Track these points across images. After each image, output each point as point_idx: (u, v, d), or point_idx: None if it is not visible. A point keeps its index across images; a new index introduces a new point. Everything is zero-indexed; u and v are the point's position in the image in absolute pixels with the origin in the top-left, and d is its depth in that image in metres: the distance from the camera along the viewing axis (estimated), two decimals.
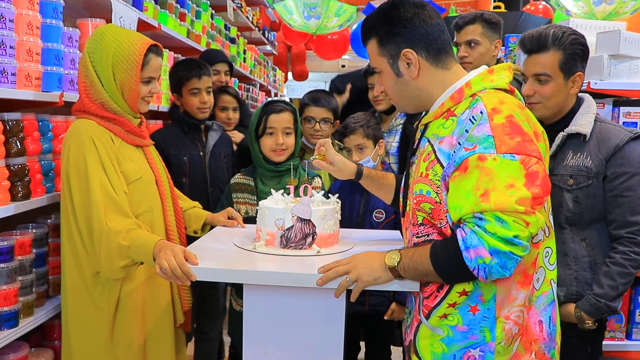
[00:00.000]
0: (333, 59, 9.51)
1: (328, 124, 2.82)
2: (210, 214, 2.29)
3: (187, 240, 2.19)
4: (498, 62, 2.99)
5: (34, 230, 2.14)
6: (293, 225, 1.80)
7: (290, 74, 10.55)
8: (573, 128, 2.00)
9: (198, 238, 2.04)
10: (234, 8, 5.59)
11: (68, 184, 1.89)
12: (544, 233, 1.53)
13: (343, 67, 11.73)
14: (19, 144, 1.99)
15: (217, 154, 2.90)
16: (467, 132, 1.42)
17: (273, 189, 1.99)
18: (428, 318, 1.53)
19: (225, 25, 5.27)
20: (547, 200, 1.51)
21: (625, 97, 2.54)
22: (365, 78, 2.98)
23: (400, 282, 1.54)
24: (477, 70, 1.56)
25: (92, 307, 1.92)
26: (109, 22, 2.47)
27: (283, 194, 1.95)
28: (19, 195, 1.99)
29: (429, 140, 1.54)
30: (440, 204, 1.47)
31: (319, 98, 2.82)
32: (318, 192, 1.98)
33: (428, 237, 1.53)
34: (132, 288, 1.97)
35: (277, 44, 9.25)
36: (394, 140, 2.85)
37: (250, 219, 2.22)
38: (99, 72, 1.94)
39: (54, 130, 2.22)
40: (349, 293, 1.58)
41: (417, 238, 1.56)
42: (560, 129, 2.02)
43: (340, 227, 1.97)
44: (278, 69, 9.41)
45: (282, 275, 1.62)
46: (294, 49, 9.96)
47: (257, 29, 7.03)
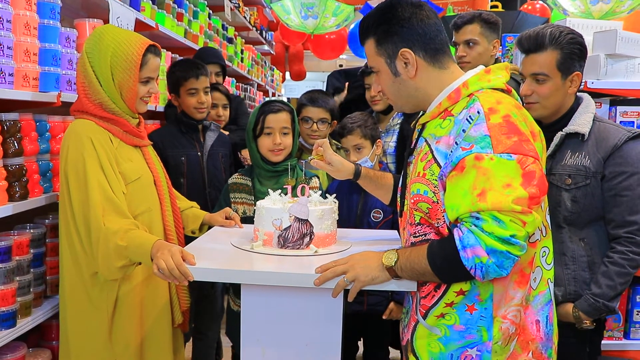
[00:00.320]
0: (330, 59, 9.50)
1: (325, 124, 2.82)
2: (208, 214, 2.29)
3: (185, 241, 2.19)
4: (496, 61, 3.00)
5: (32, 231, 2.14)
6: (290, 225, 1.81)
7: (288, 74, 10.55)
8: (571, 127, 2.00)
9: (196, 238, 2.04)
10: (232, 8, 5.59)
11: (66, 184, 1.89)
12: (541, 233, 1.54)
13: (340, 66, 11.73)
14: (17, 144, 1.98)
15: (214, 154, 2.90)
16: (464, 131, 1.42)
17: (270, 189, 2.00)
18: (425, 317, 1.53)
19: (223, 25, 5.27)
20: (544, 200, 1.52)
21: (622, 96, 2.54)
22: (363, 78, 2.99)
23: (398, 281, 1.54)
24: (474, 70, 1.56)
25: (90, 307, 1.93)
26: (107, 22, 2.47)
27: (280, 194, 1.95)
28: (17, 196, 1.99)
29: (427, 140, 1.54)
30: (438, 204, 1.48)
31: (317, 98, 2.82)
32: (315, 192, 1.99)
33: (425, 236, 1.53)
34: (130, 288, 1.97)
35: (274, 44, 9.26)
36: (392, 140, 2.86)
37: (248, 219, 2.22)
38: (98, 72, 1.94)
39: (52, 131, 2.22)
40: (347, 293, 1.58)
41: (414, 238, 1.56)
42: (559, 129, 2.02)
43: (338, 226, 1.97)
44: (276, 69, 9.41)
45: (279, 275, 1.62)
46: (292, 49, 9.96)
47: (254, 29, 7.03)
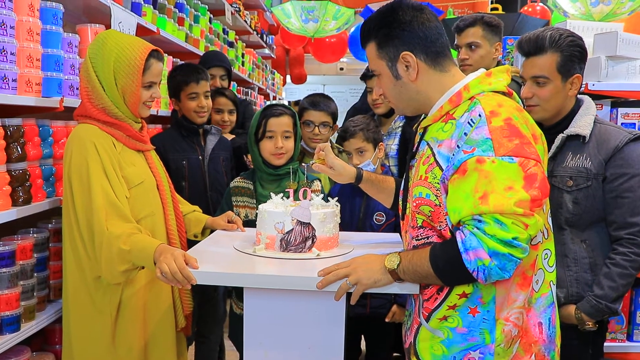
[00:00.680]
0: (331, 62, 9.53)
1: (327, 128, 2.83)
2: (210, 218, 2.29)
3: (187, 245, 2.19)
4: (498, 64, 3.00)
5: (35, 235, 2.14)
6: (293, 229, 1.81)
7: (289, 77, 10.56)
8: (572, 129, 2.00)
9: (198, 242, 2.04)
10: (232, 12, 5.60)
11: (70, 189, 1.90)
12: (543, 235, 1.54)
13: (341, 70, 11.73)
14: (20, 150, 1.99)
15: (215, 158, 2.90)
16: (465, 135, 1.42)
17: (272, 193, 2.00)
18: (428, 320, 1.54)
19: (224, 29, 5.28)
20: (545, 202, 1.52)
21: (623, 98, 2.55)
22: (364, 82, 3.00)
23: (400, 284, 1.55)
24: (475, 73, 1.56)
25: (93, 311, 1.93)
26: (108, 27, 2.48)
27: (282, 198, 1.95)
28: (20, 200, 1.99)
29: (428, 144, 1.54)
30: (440, 207, 1.48)
31: (318, 102, 2.83)
32: (317, 195, 1.99)
33: (427, 239, 1.54)
34: (133, 292, 1.97)
35: (275, 48, 9.26)
36: (394, 143, 2.86)
37: (250, 223, 2.23)
38: (101, 77, 1.95)
39: (55, 136, 2.23)
40: (349, 296, 1.59)
41: (416, 241, 1.57)
42: (560, 131, 2.02)
43: (341, 230, 1.97)
44: (276, 72, 9.41)
45: (282, 279, 1.63)
46: (292, 52, 9.98)
47: (255, 33, 7.04)
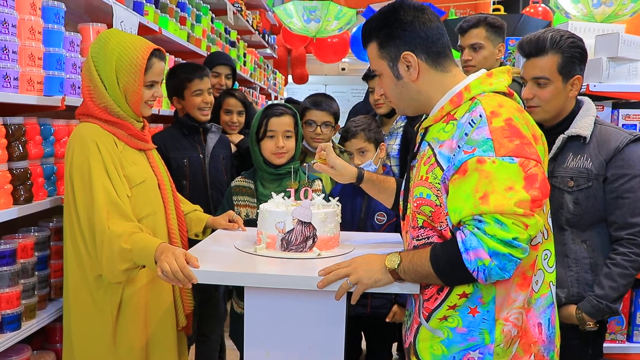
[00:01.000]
0: (333, 62, 9.52)
1: (329, 128, 2.83)
2: (211, 217, 2.29)
3: (188, 244, 2.20)
4: (501, 65, 3.00)
5: (36, 234, 2.15)
6: (294, 228, 1.81)
7: (291, 77, 10.56)
8: (573, 130, 2.00)
9: (199, 241, 2.05)
10: (234, 12, 5.60)
11: (71, 187, 1.90)
12: (543, 235, 1.54)
13: (343, 70, 11.72)
14: (21, 148, 2.00)
15: (216, 156, 2.90)
16: (466, 135, 1.43)
17: (273, 192, 2.00)
18: (428, 320, 1.54)
19: (226, 29, 5.29)
20: (546, 203, 1.52)
21: (625, 99, 2.55)
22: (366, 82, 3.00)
23: (401, 284, 1.55)
24: (476, 74, 1.57)
25: (94, 309, 1.93)
26: (110, 26, 2.48)
27: (283, 197, 1.95)
28: (22, 199, 2.00)
29: (430, 144, 1.55)
30: (440, 207, 1.48)
31: (320, 102, 2.83)
32: (318, 195, 1.99)
33: (428, 239, 1.54)
34: (134, 291, 1.97)
35: (277, 47, 9.27)
36: (395, 143, 2.86)
37: (251, 222, 2.23)
38: (103, 76, 1.96)
39: (56, 134, 2.23)
40: (350, 295, 1.59)
41: (417, 241, 1.57)
42: (560, 132, 2.03)
43: (342, 230, 1.98)
44: (278, 72, 9.42)
45: (283, 278, 1.63)
46: (294, 52, 9.98)
47: (257, 33, 7.05)
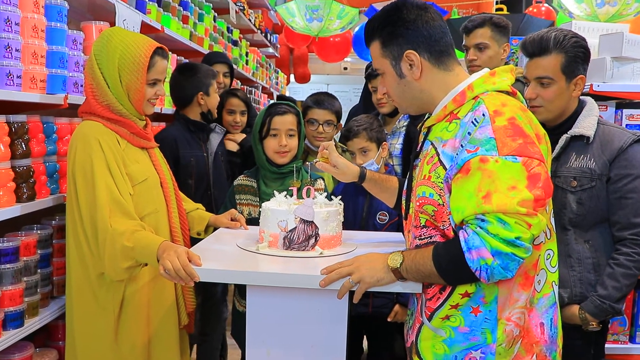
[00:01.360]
0: (335, 62, 9.52)
1: (331, 126, 2.83)
2: (213, 216, 2.29)
3: (190, 242, 2.20)
4: (506, 65, 3.00)
5: (39, 232, 2.15)
6: (296, 227, 1.81)
7: (293, 77, 10.56)
8: (576, 130, 2.00)
9: (201, 240, 2.05)
10: (237, 11, 5.61)
11: (74, 185, 1.90)
12: (546, 235, 1.54)
13: (345, 69, 11.72)
14: (24, 146, 2.00)
15: (217, 156, 2.93)
16: (469, 134, 1.42)
17: (276, 191, 2.00)
18: (430, 319, 1.54)
19: (228, 28, 5.29)
20: (549, 203, 1.52)
21: (628, 99, 2.54)
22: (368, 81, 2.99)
23: (403, 283, 1.55)
24: (479, 73, 1.56)
25: (96, 307, 1.93)
26: (113, 25, 2.48)
27: (286, 196, 1.95)
28: (24, 197, 2.00)
29: (432, 143, 1.54)
30: (443, 206, 1.48)
31: (322, 100, 2.83)
32: (321, 193, 1.99)
33: (431, 239, 1.53)
34: (136, 289, 1.97)
35: (279, 47, 9.27)
36: (398, 142, 2.86)
37: (253, 221, 2.23)
38: (105, 74, 1.96)
39: (59, 132, 2.24)
40: (352, 294, 1.59)
41: (419, 240, 1.56)
42: (563, 132, 2.02)
43: (344, 229, 1.97)
44: (280, 72, 9.42)
45: (285, 277, 1.63)
46: (296, 52, 9.98)
47: (259, 32, 7.04)
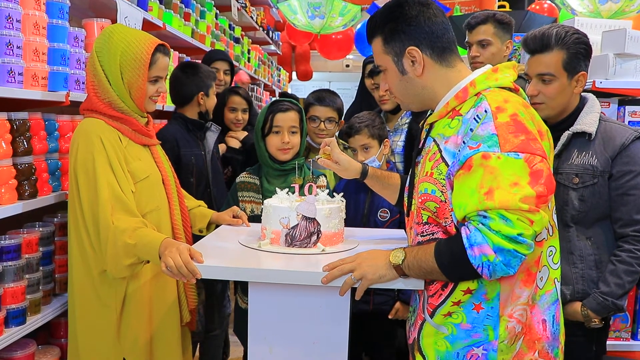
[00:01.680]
0: (337, 59, 9.52)
1: (333, 123, 2.83)
2: (215, 213, 2.30)
3: (192, 240, 2.20)
4: (508, 62, 2.99)
5: (41, 229, 2.16)
6: (298, 224, 1.81)
7: (295, 74, 10.56)
8: (578, 127, 2.00)
9: (203, 237, 2.05)
10: (238, 8, 5.60)
11: (76, 183, 1.90)
12: (548, 232, 1.53)
13: (347, 66, 11.72)
14: (26, 143, 2.00)
15: (214, 154, 2.93)
16: (471, 130, 1.42)
17: (278, 188, 2.00)
18: (432, 316, 1.54)
19: (230, 25, 5.29)
20: (551, 199, 1.52)
21: (631, 96, 2.53)
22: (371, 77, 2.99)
23: (405, 280, 1.55)
24: (481, 69, 1.56)
25: (98, 304, 1.94)
26: (114, 22, 2.48)
27: (288, 193, 1.95)
28: (26, 194, 2.00)
29: (435, 140, 1.54)
30: (445, 203, 1.48)
31: (324, 97, 2.83)
32: (323, 190, 1.99)
33: (433, 236, 1.53)
34: (138, 286, 1.98)
35: (281, 44, 9.27)
36: (400, 140, 2.85)
37: (256, 218, 2.23)
38: (107, 71, 1.96)
39: (60, 130, 2.24)
40: (354, 291, 1.59)
41: (421, 237, 1.56)
42: (565, 129, 2.02)
43: (345, 226, 1.97)
44: (282, 69, 9.42)
45: (287, 273, 1.63)
46: (298, 49, 9.98)
47: (261, 29, 7.04)
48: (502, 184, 1.35)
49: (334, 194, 2.00)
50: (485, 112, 1.42)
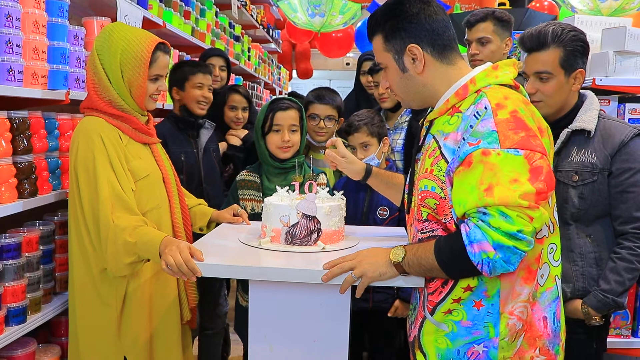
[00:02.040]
0: (337, 57, 9.50)
1: (332, 122, 2.83)
2: (216, 211, 2.30)
3: (193, 238, 2.20)
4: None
5: (41, 228, 2.16)
6: (298, 222, 1.81)
7: (295, 72, 10.55)
8: (577, 124, 2.00)
9: (204, 235, 2.05)
10: (239, 6, 5.60)
11: (76, 181, 1.90)
12: (549, 229, 1.53)
13: (347, 64, 11.71)
14: (26, 142, 2.00)
15: (208, 151, 2.92)
16: (471, 127, 1.42)
17: (278, 186, 2.00)
18: (433, 314, 1.54)
19: (230, 24, 5.28)
20: (551, 196, 1.52)
21: (631, 93, 2.53)
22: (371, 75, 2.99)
23: (405, 278, 1.55)
24: (481, 67, 1.56)
25: (99, 303, 1.94)
26: (114, 20, 2.48)
27: (288, 191, 1.95)
28: (26, 193, 2.00)
29: (434, 137, 1.54)
30: (445, 200, 1.48)
31: (323, 95, 2.83)
32: (323, 188, 1.99)
33: (432, 233, 1.53)
34: (138, 284, 1.98)
35: (281, 42, 9.26)
36: (400, 138, 2.85)
37: (256, 216, 2.23)
38: (107, 69, 1.96)
39: (60, 128, 2.24)
40: (354, 289, 1.59)
41: (421, 234, 1.56)
42: (564, 126, 2.02)
43: (345, 224, 1.97)
44: (282, 67, 9.41)
45: (287, 272, 1.63)
46: (299, 47, 9.97)
47: (261, 27, 7.04)
48: (501, 181, 1.35)
49: (334, 192, 2.00)
50: (485, 108, 1.42)
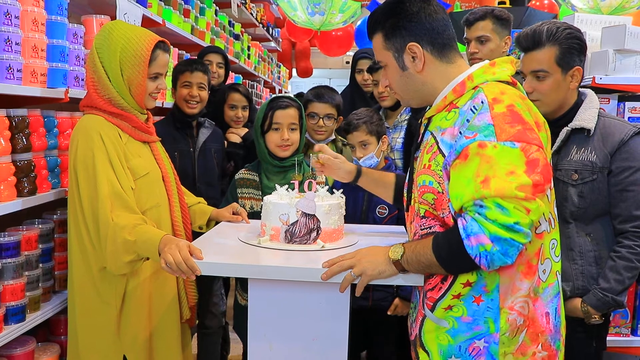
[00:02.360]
0: (337, 56, 9.51)
1: (331, 120, 2.82)
2: (215, 210, 2.29)
3: (192, 236, 2.20)
4: None
5: (40, 226, 2.16)
6: (297, 220, 1.81)
7: (295, 71, 10.55)
8: (577, 123, 2.00)
9: (203, 234, 2.05)
10: (238, 4, 5.60)
11: (75, 179, 1.90)
12: (550, 224, 1.53)
13: (347, 63, 11.70)
14: (25, 140, 2.00)
15: (207, 150, 2.91)
16: (468, 121, 1.42)
17: (278, 184, 2.00)
18: (433, 310, 1.54)
19: (229, 22, 5.28)
20: (551, 191, 1.52)
21: (631, 92, 2.53)
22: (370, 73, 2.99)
23: (405, 275, 1.55)
24: (479, 64, 1.56)
25: (98, 301, 1.94)
26: (114, 18, 2.48)
27: (287, 189, 1.95)
28: (25, 191, 2.00)
29: (432, 133, 1.55)
30: (443, 194, 1.48)
31: (323, 94, 2.82)
32: (322, 187, 1.99)
33: (431, 229, 1.54)
34: (138, 283, 1.98)
35: (281, 41, 9.26)
36: (399, 136, 2.85)
37: (256, 214, 2.23)
38: (107, 67, 1.95)
39: (59, 127, 2.24)
40: (354, 288, 1.59)
41: (421, 230, 1.57)
42: (564, 125, 2.02)
43: (344, 222, 1.97)
44: (282, 66, 9.41)
45: (286, 270, 1.63)
46: (298, 46, 9.97)
47: (261, 26, 7.04)
48: (498, 173, 1.35)
49: (334, 190, 2.00)
50: (482, 103, 1.43)
